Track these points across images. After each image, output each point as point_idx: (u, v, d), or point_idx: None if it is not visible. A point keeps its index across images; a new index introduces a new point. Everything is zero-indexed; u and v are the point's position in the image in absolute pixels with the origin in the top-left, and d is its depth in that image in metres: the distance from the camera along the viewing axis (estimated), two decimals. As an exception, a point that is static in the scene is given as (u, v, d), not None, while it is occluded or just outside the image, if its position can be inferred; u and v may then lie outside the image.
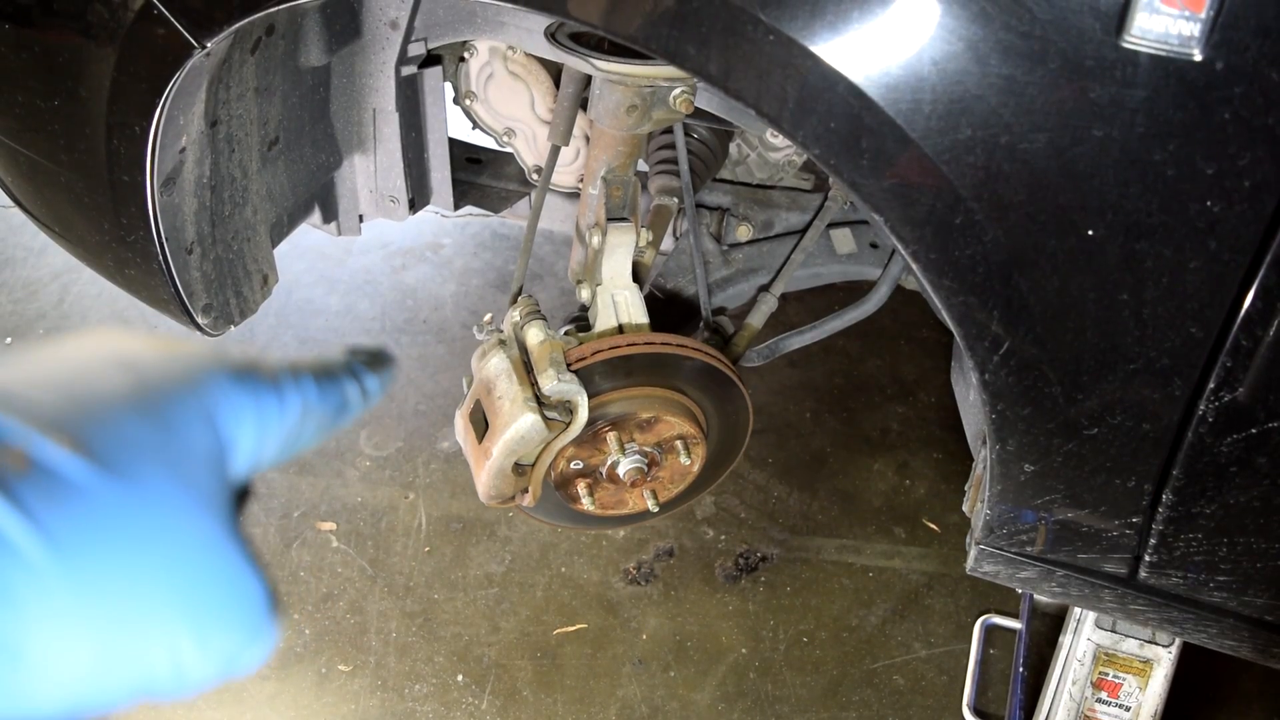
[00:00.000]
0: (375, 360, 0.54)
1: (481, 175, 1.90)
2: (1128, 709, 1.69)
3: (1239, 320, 0.92)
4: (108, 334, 0.44)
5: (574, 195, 1.82)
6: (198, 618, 0.38)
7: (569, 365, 1.27)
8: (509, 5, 0.99)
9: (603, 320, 1.40)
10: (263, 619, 0.41)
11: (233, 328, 1.51)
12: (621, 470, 1.37)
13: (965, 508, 1.33)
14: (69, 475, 0.36)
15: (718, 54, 0.90)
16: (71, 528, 0.35)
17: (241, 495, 0.51)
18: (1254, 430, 0.99)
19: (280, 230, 1.59)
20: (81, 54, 1.13)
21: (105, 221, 1.28)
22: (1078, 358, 0.99)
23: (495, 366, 1.29)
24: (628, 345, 1.32)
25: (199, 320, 1.43)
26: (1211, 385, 0.97)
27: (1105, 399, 1.01)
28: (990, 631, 2.03)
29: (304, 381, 0.48)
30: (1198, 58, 0.79)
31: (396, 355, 0.57)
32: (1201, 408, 0.99)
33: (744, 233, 1.71)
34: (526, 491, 1.33)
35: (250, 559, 0.41)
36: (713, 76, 0.92)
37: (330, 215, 1.70)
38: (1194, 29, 0.78)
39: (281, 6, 1.03)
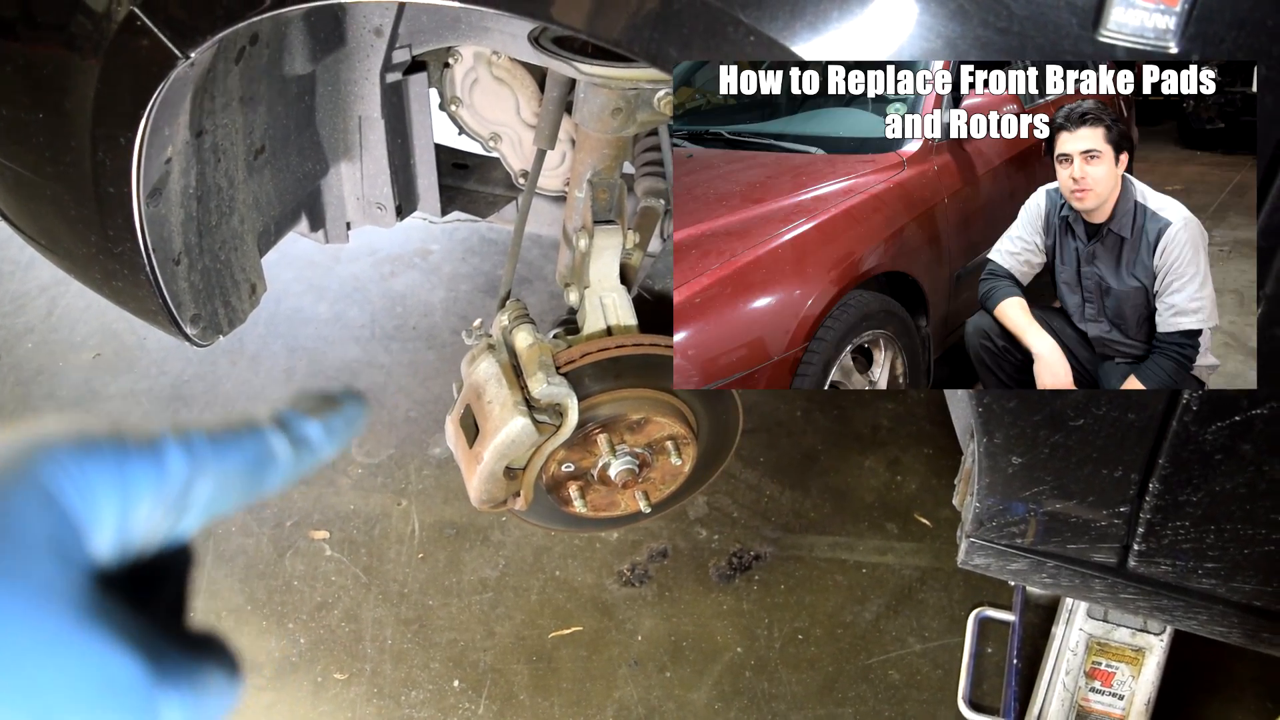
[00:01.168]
0: (326, 406, 0.50)
1: (468, 180, 1.90)
2: (1121, 697, 1.70)
3: (1220, 309, 0.93)
4: None
5: (561, 199, 1.82)
6: None
7: (558, 368, 1.28)
8: (492, 11, 1.00)
9: (591, 323, 1.40)
10: (143, 697, 0.37)
11: (221, 337, 1.51)
12: (613, 472, 1.37)
13: (956, 501, 1.34)
14: None
15: (699, 56, 0.91)
16: None
17: (176, 560, 0.47)
18: (1238, 418, 1.00)
19: (267, 239, 1.59)
20: (66, 66, 1.13)
21: (92, 234, 1.28)
22: (1062, 350, 1.00)
23: (485, 371, 1.29)
24: (616, 347, 1.32)
25: (187, 331, 1.43)
26: (1195, 374, 0.98)
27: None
28: (984, 624, 2.03)
29: (193, 442, 0.44)
30: (1173, 51, 0.80)
31: (362, 397, 0.52)
32: (1185, 396, 1.00)
33: (731, 233, 1.71)
34: (518, 495, 1.34)
35: (124, 634, 0.37)
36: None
37: (318, 223, 1.70)
38: (1169, 22, 0.79)
39: (265, 15, 1.03)
